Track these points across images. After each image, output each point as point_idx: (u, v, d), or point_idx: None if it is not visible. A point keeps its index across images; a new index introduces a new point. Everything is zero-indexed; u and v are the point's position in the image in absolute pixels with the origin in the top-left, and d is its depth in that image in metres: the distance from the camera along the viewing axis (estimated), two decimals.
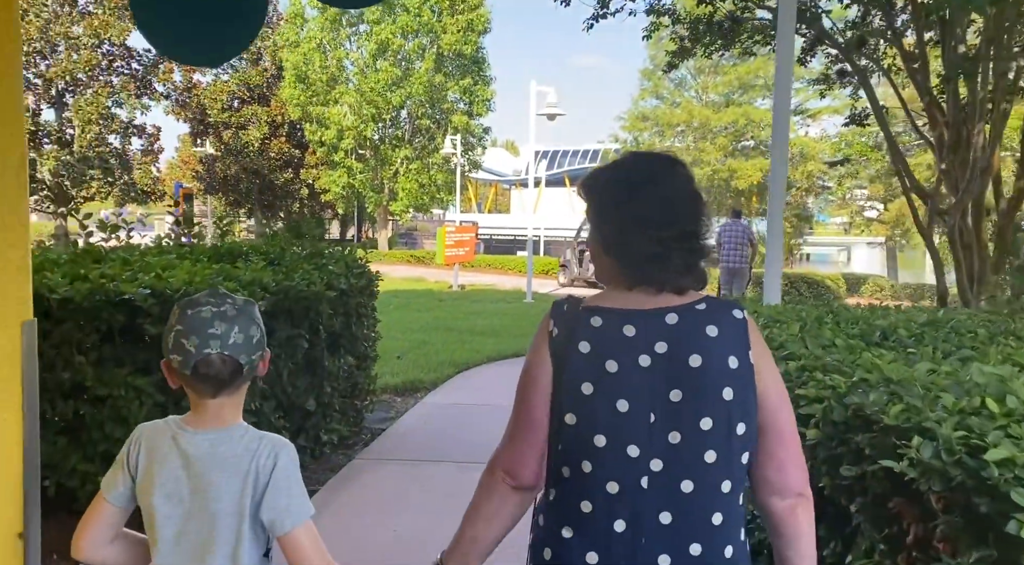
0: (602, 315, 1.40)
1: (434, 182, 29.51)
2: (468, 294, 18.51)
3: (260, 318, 1.54)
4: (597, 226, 1.49)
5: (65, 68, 22.25)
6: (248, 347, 1.48)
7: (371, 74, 27.57)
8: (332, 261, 5.64)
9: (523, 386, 1.46)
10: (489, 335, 11.58)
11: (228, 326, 1.44)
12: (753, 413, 1.37)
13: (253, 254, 5.45)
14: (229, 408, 1.53)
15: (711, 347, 1.35)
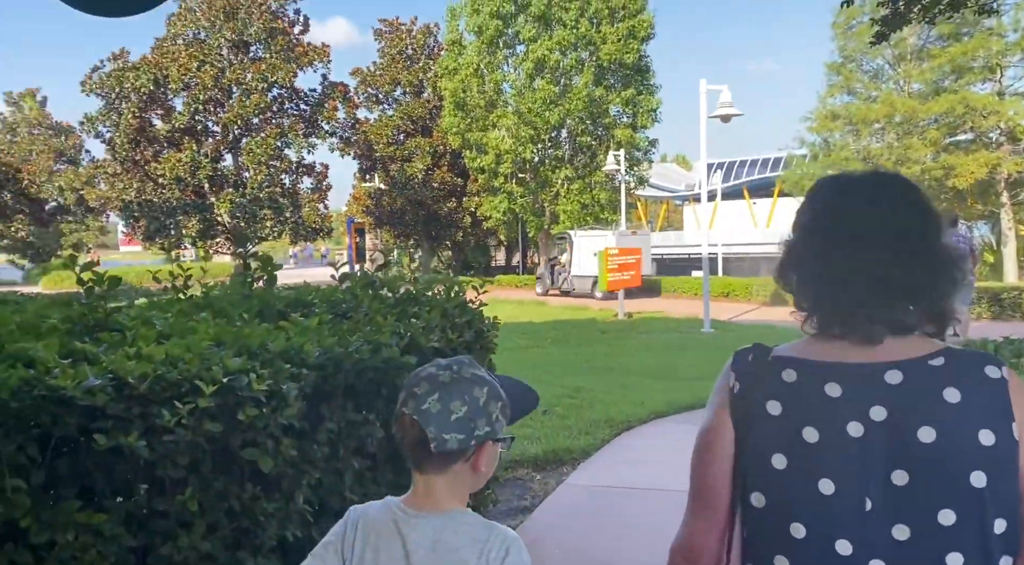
0: (797, 368, 1.19)
1: (597, 201, 27.86)
2: (635, 324, 16.58)
3: (483, 399, 1.33)
4: (799, 245, 1.24)
5: (237, 113, 23.13)
6: (442, 421, 1.29)
7: (528, 94, 26.56)
8: (428, 308, 4.10)
9: (699, 453, 1.26)
10: (659, 377, 9.65)
11: (430, 389, 1.31)
12: (1018, 507, 1.10)
13: (320, 304, 4.03)
14: (442, 490, 1.35)
15: (951, 417, 1.09)
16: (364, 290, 4.15)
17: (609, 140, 27.16)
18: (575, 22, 25.70)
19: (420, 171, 31.94)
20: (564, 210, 27.87)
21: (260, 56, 24.12)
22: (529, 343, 14.37)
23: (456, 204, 32.71)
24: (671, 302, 22.17)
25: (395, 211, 32.91)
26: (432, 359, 3.56)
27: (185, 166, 22.85)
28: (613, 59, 25.83)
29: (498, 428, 1.36)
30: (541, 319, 18.55)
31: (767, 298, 20.68)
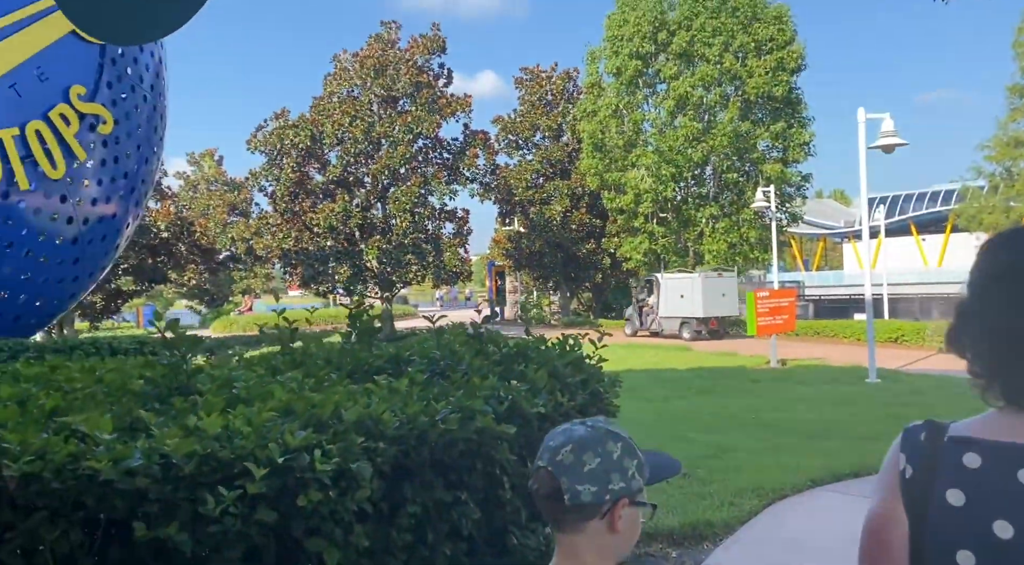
0: (982, 452, 1.04)
1: (746, 240, 26.43)
2: (790, 372, 15.24)
3: (617, 453, 1.29)
4: (975, 307, 1.11)
5: (385, 164, 24.12)
6: (575, 472, 1.26)
7: (669, 132, 25.87)
8: (536, 366, 3.66)
9: (867, 543, 1.12)
10: (817, 436, 8.58)
11: (564, 441, 1.29)
12: None
13: (420, 360, 3.68)
14: (585, 552, 1.29)
15: None
16: (465, 345, 3.78)
17: (757, 176, 25.83)
18: (719, 57, 24.84)
19: (558, 213, 31.87)
20: (709, 250, 26.68)
21: (406, 109, 25.14)
22: (670, 393, 13.50)
23: (595, 245, 32.29)
24: (830, 347, 20.38)
25: (534, 254, 32.96)
26: (534, 426, 3.09)
27: (337, 215, 24.03)
28: (761, 92, 24.66)
29: (634, 487, 1.31)
30: (685, 365, 17.56)
31: (943, 344, 18.48)
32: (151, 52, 12.84)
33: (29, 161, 10.84)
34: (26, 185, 10.76)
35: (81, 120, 11.40)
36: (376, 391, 2.86)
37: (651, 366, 18.13)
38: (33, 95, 10.99)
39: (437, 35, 25.62)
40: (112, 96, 11.87)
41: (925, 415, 2.18)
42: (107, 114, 11.71)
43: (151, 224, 22.65)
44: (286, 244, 24.70)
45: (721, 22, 24.85)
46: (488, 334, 4.13)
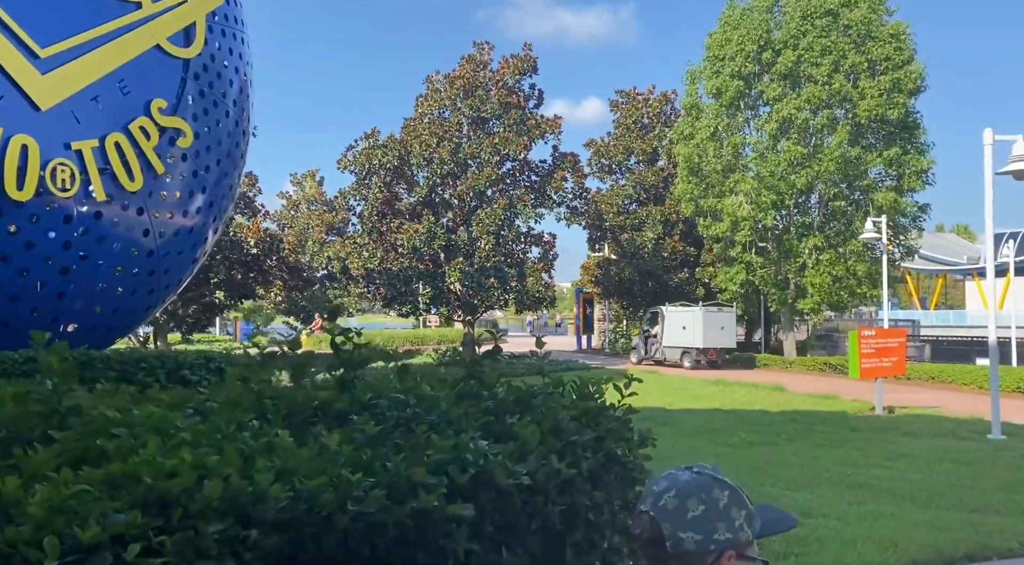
0: None
1: (853, 274, 24.47)
2: (897, 422, 13.60)
3: (724, 501, 1.26)
4: None
5: (471, 185, 23.83)
6: (678, 518, 1.24)
7: (771, 157, 24.38)
8: (539, 418, 2.86)
9: None
10: (922, 504, 7.29)
11: (668, 486, 1.27)
12: None
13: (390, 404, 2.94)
14: None
15: None
16: (447, 388, 3.03)
17: (868, 205, 23.92)
18: (828, 78, 23.24)
19: (650, 240, 30.72)
20: (812, 282, 24.86)
21: (495, 130, 24.84)
22: (756, 438, 12.24)
23: (688, 275, 30.88)
24: (948, 395, 18.32)
25: (623, 281, 31.86)
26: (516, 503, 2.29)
27: (422, 236, 23.88)
28: (873, 115, 22.86)
29: (742, 538, 1.25)
30: (778, 407, 16.11)
31: None
32: (235, 68, 12.88)
33: (107, 173, 10.91)
34: (103, 196, 10.82)
35: (161, 134, 11.43)
36: (283, 448, 2.16)
37: (741, 406, 16.77)
38: (114, 108, 11.08)
39: (528, 55, 25.26)
40: (194, 110, 11.91)
41: None
42: (187, 128, 11.72)
43: (242, 240, 23.16)
44: (372, 264, 24.75)
45: (832, 41, 23.28)
46: (489, 371, 3.37)
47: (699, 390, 19.83)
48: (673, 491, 1.24)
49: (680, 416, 15.22)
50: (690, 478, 1.26)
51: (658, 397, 18.76)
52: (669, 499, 1.23)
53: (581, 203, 28.27)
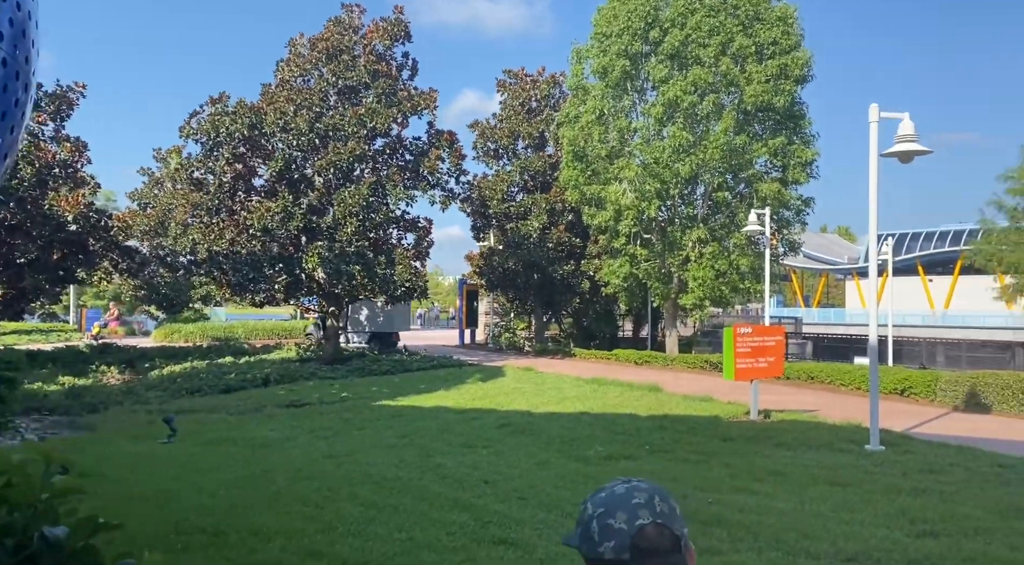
0: None
1: (736, 268, 23.54)
2: (772, 430, 12.27)
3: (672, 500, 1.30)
4: None
5: (331, 160, 21.33)
6: (676, 519, 1.26)
7: (656, 143, 23.10)
8: None
9: None
10: (791, 551, 5.61)
11: (648, 496, 1.25)
12: None
13: None
14: None
15: None
16: None
17: (752, 197, 23.01)
18: (715, 60, 22.10)
19: (536, 230, 29.06)
20: (695, 276, 23.78)
21: (364, 102, 22.40)
22: (617, 450, 10.59)
23: (575, 266, 29.42)
24: (827, 396, 17.41)
25: (507, 272, 30.09)
26: None
27: (276, 216, 21.21)
28: (759, 102, 21.87)
29: None
30: (649, 411, 14.63)
31: (959, 400, 15.56)
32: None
33: None
34: None
35: None
36: None
37: (610, 409, 15.22)
38: None
39: (400, 19, 22.89)
40: None
41: (944, 509, 4.43)
42: None
43: (59, 215, 19.85)
44: (219, 246, 21.86)
45: (719, 21, 22.13)
46: None
47: (572, 390, 18.25)
48: (657, 497, 1.24)
49: (542, 423, 13.49)
50: (646, 484, 1.27)
51: (528, 399, 17.06)
52: (661, 504, 1.24)
53: (461, 187, 26.22)
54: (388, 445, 11.23)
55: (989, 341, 41.64)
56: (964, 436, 11.63)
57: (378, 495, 7.52)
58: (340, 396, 17.46)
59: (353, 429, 12.95)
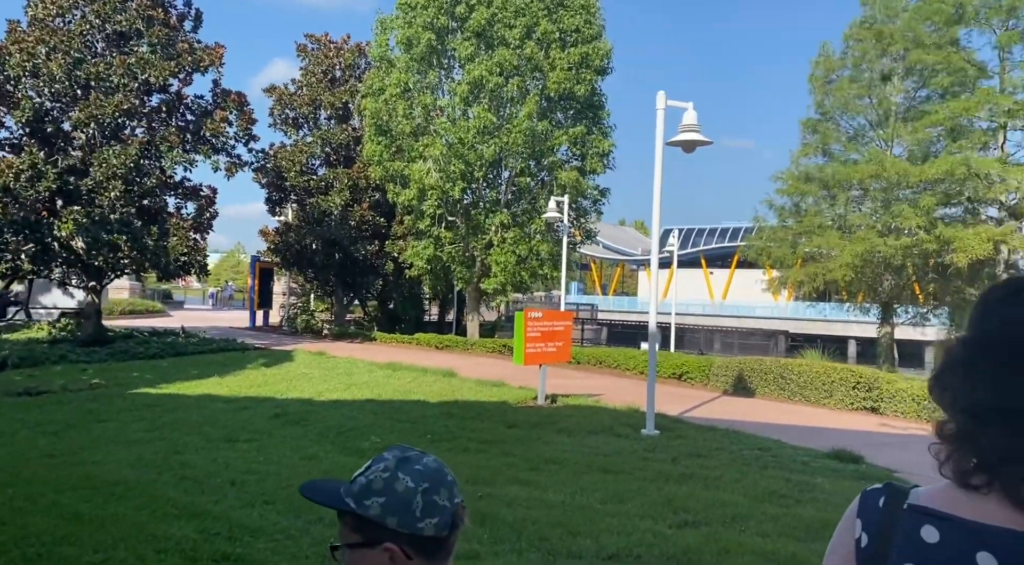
0: (940, 526, 0.95)
1: (536, 254, 23.74)
2: (556, 414, 12.18)
3: None
4: (963, 358, 1.00)
5: (91, 114, 18.58)
6: None
7: (461, 123, 22.61)
8: None
9: None
10: (554, 551, 5.21)
11: (452, 474, 1.23)
12: None
13: None
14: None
15: None
16: None
17: (553, 184, 23.27)
18: (520, 42, 21.97)
19: (337, 206, 27.60)
20: (497, 261, 23.68)
21: (131, 49, 19.73)
22: (396, 439, 9.89)
23: (379, 247, 28.34)
24: (613, 380, 17.91)
25: (305, 250, 28.38)
26: None
27: (22, 174, 18.11)
28: (562, 89, 22.07)
29: None
30: (439, 397, 14.09)
31: (729, 384, 16.59)
32: None
33: None
34: None
35: None
36: None
37: (400, 396, 14.50)
38: None
39: None
40: None
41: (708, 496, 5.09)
42: None
43: None
44: None
45: (525, 3, 22.02)
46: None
47: (363, 376, 17.31)
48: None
49: (323, 411, 12.47)
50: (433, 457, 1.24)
51: (314, 386, 15.87)
52: None
53: (254, 155, 24.09)
54: (130, 440, 9.70)
55: (757, 329, 46.08)
56: (731, 419, 12.22)
57: (89, 504, 6.23)
58: (90, 383, 15.20)
59: (94, 422, 11.14)
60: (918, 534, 0.96)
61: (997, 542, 0.90)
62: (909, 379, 14.39)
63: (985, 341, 0.99)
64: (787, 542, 5.42)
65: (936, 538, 0.95)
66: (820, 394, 14.48)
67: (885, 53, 22.51)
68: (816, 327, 42.04)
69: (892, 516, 0.99)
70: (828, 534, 1.08)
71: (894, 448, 10.13)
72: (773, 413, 13.42)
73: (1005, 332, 0.97)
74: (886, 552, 0.97)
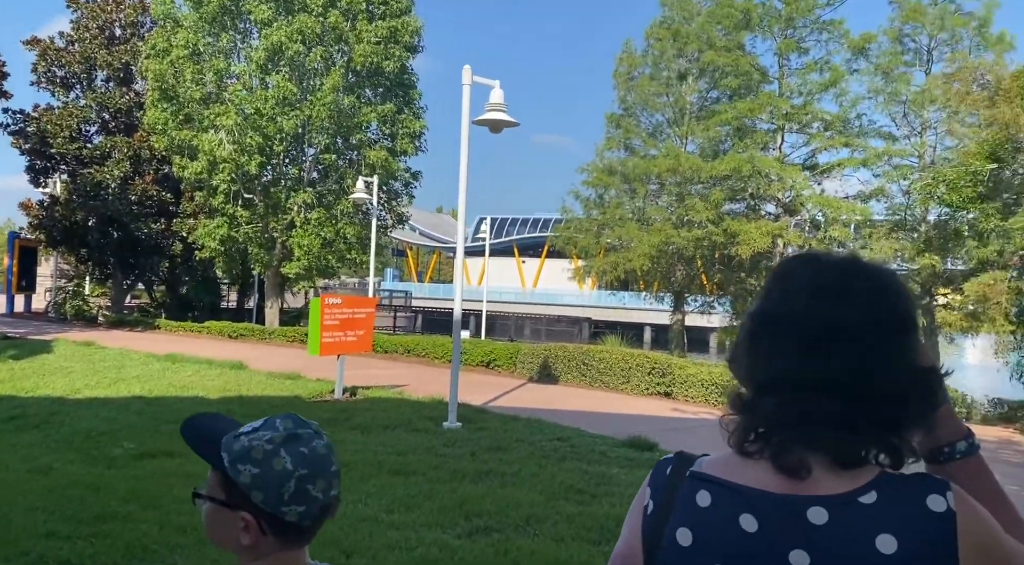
0: (713, 490, 0.99)
1: (343, 238, 22.52)
2: (353, 408, 11.31)
3: None
4: (753, 331, 1.04)
5: None
6: None
7: (259, 92, 20.82)
8: None
9: None
10: None
11: (338, 464, 1.18)
12: None
13: None
14: None
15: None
16: None
17: (361, 164, 22.14)
18: (323, 10, 20.55)
19: (116, 179, 24.55)
20: (300, 244, 22.15)
21: None
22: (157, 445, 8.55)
23: (165, 226, 25.60)
24: (421, 370, 17.28)
25: (75, 227, 25.02)
26: None
27: None
28: (369, 63, 20.97)
29: None
30: (221, 394, 12.67)
31: (535, 371, 16.58)
32: None
33: None
34: None
35: None
36: None
37: (176, 391, 12.88)
38: None
39: None
40: None
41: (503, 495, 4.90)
42: None
43: None
44: None
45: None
46: None
47: (136, 369, 15.33)
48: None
49: (75, 411, 10.72)
50: (327, 442, 1.17)
51: (71, 381, 13.75)
52: None
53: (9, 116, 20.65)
54: None
55: (564, 316, 47.65)
56: (534, 408, 12.03)
57: None
58: None
59: None
60: (693, 499, 0.99)
61: (758, 504, 0.95)
62: (698, 364, 15.09)
63: (767, 314, 1.02)
64: (581, 547, 5.06)
65: (708, 502, 0.98)
66: (619, 380, 14.78)
67: (681, 53, 23.70)
68: (617, 314, 44.14)
69: (675, 483, 1.01)
70: None
71: (685, 433, 10.39)
72: (575, 400, 13.46)
73: (784, 305, 1.01)
74: (666, 516, 0.99)
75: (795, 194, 21.61)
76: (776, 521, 0.94)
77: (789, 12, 21.99)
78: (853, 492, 0.93)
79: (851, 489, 0.93)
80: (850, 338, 0.96)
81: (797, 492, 0.94)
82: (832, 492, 0.93)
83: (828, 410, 0.94)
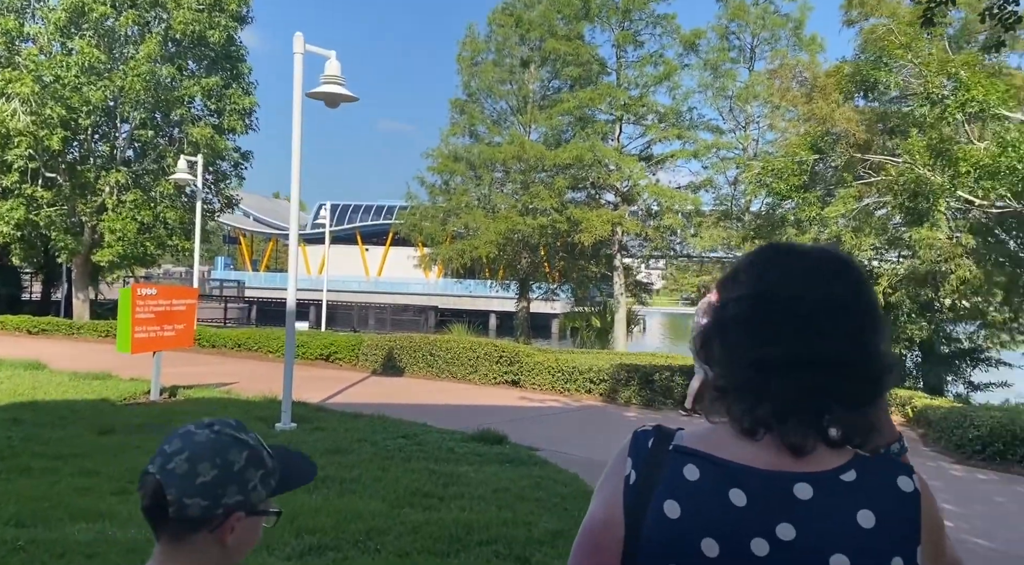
0: (701, 465, 1.02)
1: (164, 222, 20.52)
2: (171, 412, 10.11)
3: (240, 463, 1.17)
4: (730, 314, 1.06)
5: None
6: (187, 484, 1.13)
7: (59, 57, 18.40)
8: None
9: (580, 547, 1.07)
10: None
11: (181, 447, 1.15)
12: None
13: None
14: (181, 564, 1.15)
15: (866, 546, 0.94)
16: None
17: (184, 141, 20.24)
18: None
19: None
20: (112, 229, 19.92)
21: None
22: None
23: None
24: (253, 365, 16.04)
25: None
26: None
27: None
28: (191, 32, 19.15)
29: (254, 499, 1.19)
30: (11, 399, 10.90)
31: (379, 364, 15.88)
32: None
33: None
34: None
35: None
36: None
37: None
38: None
39: None
40: None
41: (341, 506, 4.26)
42: None
43: None
44: None
45: None
46: None
47: None
48: (186, 454, 1.14)
49: None
50: (207, 438, 1.16)
51: None
52: (180, 462, 1.13)
53: None
54: None
55: (410, 305, 46.92)
56: (379, 403, 11.39)
57: None
58: None
59: None
60: (681, 472, 1.01)
61: (747, 480, 0.97)
62: (545, 352, 15.07)
63: (761, 297, 1.02)
64: (428, 560, 4.60)
65: (696, 476, 1.00)
66: (466, 370, 14.46)
67: (524, 40, 23.71)
68: (463, 302, 44.04)
69: (658, 456, 1.04)
70: (473, 540, 1.69)
71: (533, 423, 10.19)
72: (422, 392, 12.97)
73: (782, 287, 1.02)
74: (651, 488, 1.02)
75: (632, 183, 22.28)
76: (764, 496, 0.97)
77: (626, 4, 22.58)
78: (836, 470, 0.97)
79: (834, 467, 0.97)
80: (849, 315, 0.99)
81: (783, 469, 0.97)
82: (816, 469, 0.97)
83: (830, 388, 0.97)
